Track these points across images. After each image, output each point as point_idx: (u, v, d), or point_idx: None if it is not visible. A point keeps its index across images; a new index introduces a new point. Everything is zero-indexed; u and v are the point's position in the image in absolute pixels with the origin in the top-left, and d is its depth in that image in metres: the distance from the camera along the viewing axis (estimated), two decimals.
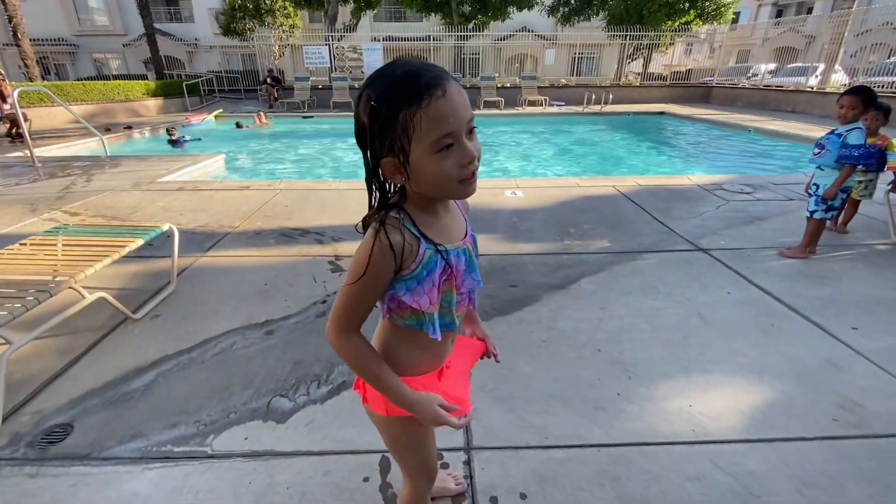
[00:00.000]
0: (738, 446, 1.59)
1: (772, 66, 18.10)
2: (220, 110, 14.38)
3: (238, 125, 12.08)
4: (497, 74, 19.37)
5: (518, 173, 7.53)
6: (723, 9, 17.99)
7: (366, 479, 1.46)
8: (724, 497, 1.40)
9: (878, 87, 11.52)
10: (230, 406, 1.80)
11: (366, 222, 0.78)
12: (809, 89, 13.18)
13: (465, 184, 0.72)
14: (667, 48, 20.64)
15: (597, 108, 14.73)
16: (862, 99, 2.79)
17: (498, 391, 1.87)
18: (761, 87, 15.22)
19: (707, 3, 17.73)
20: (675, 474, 1.48)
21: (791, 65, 17.75)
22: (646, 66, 20.79)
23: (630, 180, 5.40)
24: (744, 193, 4.69)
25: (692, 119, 12.42)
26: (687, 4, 17.51)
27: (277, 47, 19.54)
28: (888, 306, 2.51)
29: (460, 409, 0.87)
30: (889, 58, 13.25)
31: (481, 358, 1.11)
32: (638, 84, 18.83)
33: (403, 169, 0.71)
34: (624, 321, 2.40)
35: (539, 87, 16.78)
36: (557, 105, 15.83)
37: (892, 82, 11.64)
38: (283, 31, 19.64)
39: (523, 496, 1.40)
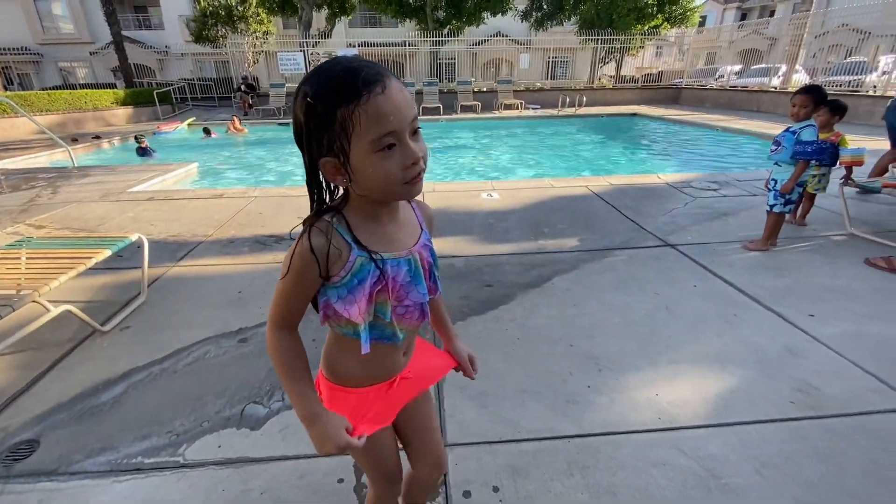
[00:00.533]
0: (701, 431, 1.65)
1: (737, 67, 18.73)
2: (193, 118, 14.13)
3: (206, 131, 11.62)
4: (473, 79, 19.57)
5: (495, 175, 7.61)
6: (689, 13, 18.58)
7: (340, 481, 1.47)
8: (687, 480, 1.46)
9: (837, 85, 12.07)
10: (203, 415, 1.78)
11: (305, 226, 0.76)
12: (773, 89, 13.69)
13: (411, 185, 0.71)
14: (637, 51, 21.19)
15: (571, 110, 15.00)
16: (813, 97, 2.93)
17: (472, 388, 1.90)
18: (728, 87, 15.75)
19: (674, 8, 18.29)
20: (641, 461, 1.53)
21: (755, 66, 18.43)
22: (618, 69, 21.32)
23: (602, 180, 5.52)
24: (710, 190, 4.85)
25: (663, 119, 12.77)
26: (655, 9, 18.01)
27: (251, 54, 19.30)
28: (842, 294, 2.64)
29: (374, 422, 0.85)
30: (847, 58, 13.93)
31: (456, 371, 1.07)
32: (611, 87, 19.26)
33: (344, 170, 0.69)
34: (596, 316, 2.47)
35: (515, 91, 17.00)
36: (533, 108, 16.06)
37: (850, 81, 12.20)
38: (257, 38, 19.42)
39: (496, 489, 1.43)
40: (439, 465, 1.09)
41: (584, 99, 15.66)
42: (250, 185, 6.80)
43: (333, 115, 0.65)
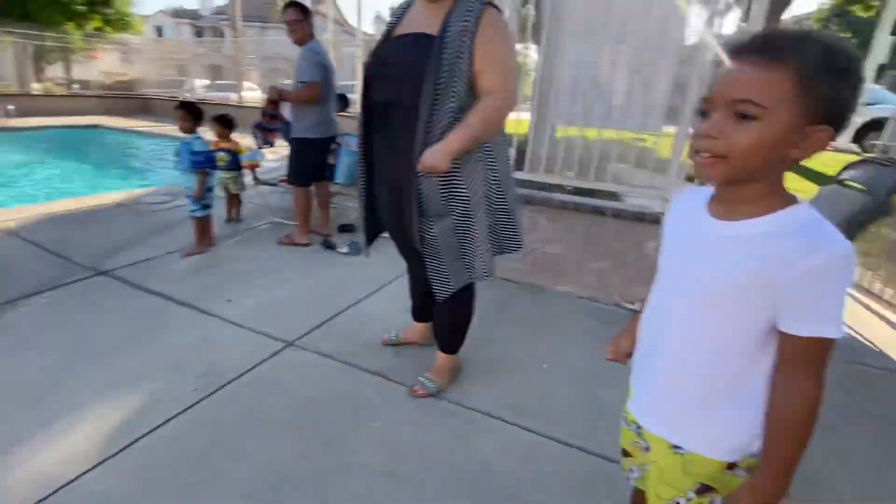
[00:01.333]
0: (90, 475, 1.52)
1: (206, 81, 19.76)
2: None
3: None
4: None
5: None
6: (127, 18, 17.51)
7: None
8: None
9: None
10: None
11: None
12: (234, 103, 15.33)
13: None
14: (95, 54, 18.12)
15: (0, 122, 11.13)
16: (189, 113, 3.32)
17: None
18: (198, 100, 16.31)
19: (108, 12, 16.68)
20: None
21: (220, 81, 20.06)
22: (68, 72, 17.60)
23: (32, 210, 4.31)
24: (163, 203, 4.79)
25: (129, 131, 11.76)
26: (86, 8, 15.79)
27: None
28: (260, 273, 3.20)
29: None
30: (286, 81, 17.53)
31: None
32: (64, 94, 15.71)
33: None
34: None
35: None
36: None
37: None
38: None
39: None
40: None
41: (13, 107, 12.00)
42: None
43: None
